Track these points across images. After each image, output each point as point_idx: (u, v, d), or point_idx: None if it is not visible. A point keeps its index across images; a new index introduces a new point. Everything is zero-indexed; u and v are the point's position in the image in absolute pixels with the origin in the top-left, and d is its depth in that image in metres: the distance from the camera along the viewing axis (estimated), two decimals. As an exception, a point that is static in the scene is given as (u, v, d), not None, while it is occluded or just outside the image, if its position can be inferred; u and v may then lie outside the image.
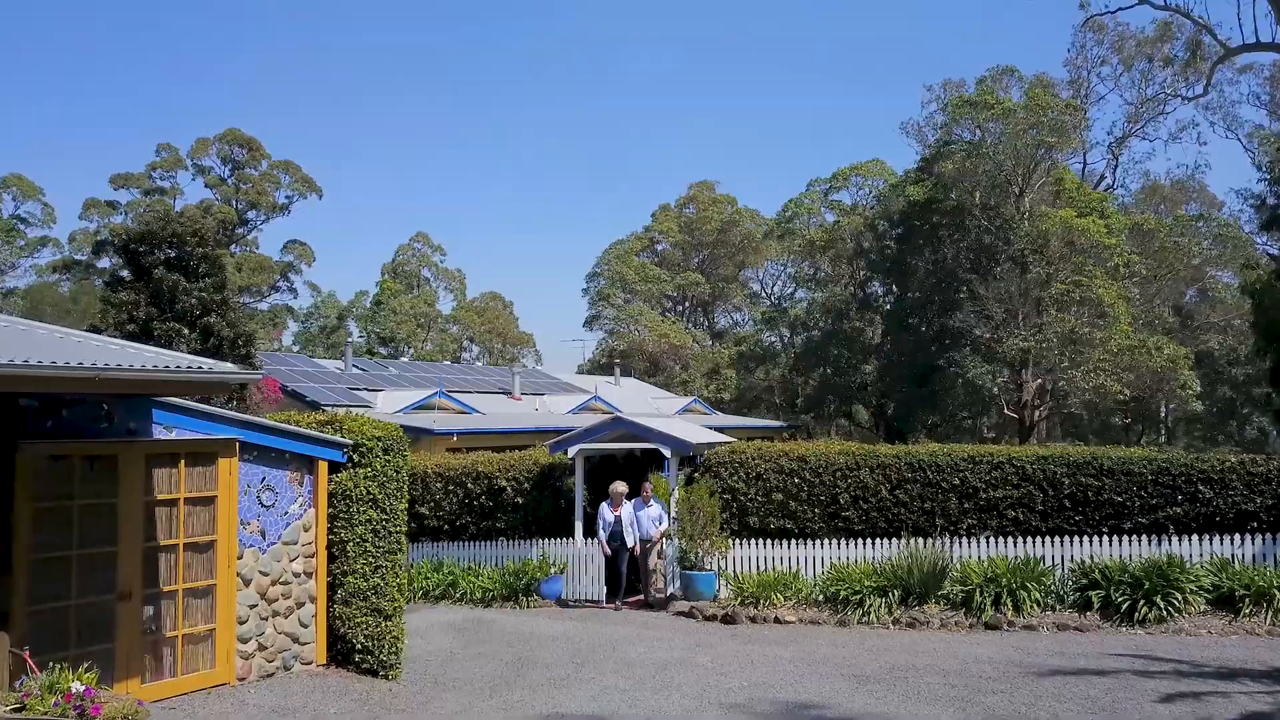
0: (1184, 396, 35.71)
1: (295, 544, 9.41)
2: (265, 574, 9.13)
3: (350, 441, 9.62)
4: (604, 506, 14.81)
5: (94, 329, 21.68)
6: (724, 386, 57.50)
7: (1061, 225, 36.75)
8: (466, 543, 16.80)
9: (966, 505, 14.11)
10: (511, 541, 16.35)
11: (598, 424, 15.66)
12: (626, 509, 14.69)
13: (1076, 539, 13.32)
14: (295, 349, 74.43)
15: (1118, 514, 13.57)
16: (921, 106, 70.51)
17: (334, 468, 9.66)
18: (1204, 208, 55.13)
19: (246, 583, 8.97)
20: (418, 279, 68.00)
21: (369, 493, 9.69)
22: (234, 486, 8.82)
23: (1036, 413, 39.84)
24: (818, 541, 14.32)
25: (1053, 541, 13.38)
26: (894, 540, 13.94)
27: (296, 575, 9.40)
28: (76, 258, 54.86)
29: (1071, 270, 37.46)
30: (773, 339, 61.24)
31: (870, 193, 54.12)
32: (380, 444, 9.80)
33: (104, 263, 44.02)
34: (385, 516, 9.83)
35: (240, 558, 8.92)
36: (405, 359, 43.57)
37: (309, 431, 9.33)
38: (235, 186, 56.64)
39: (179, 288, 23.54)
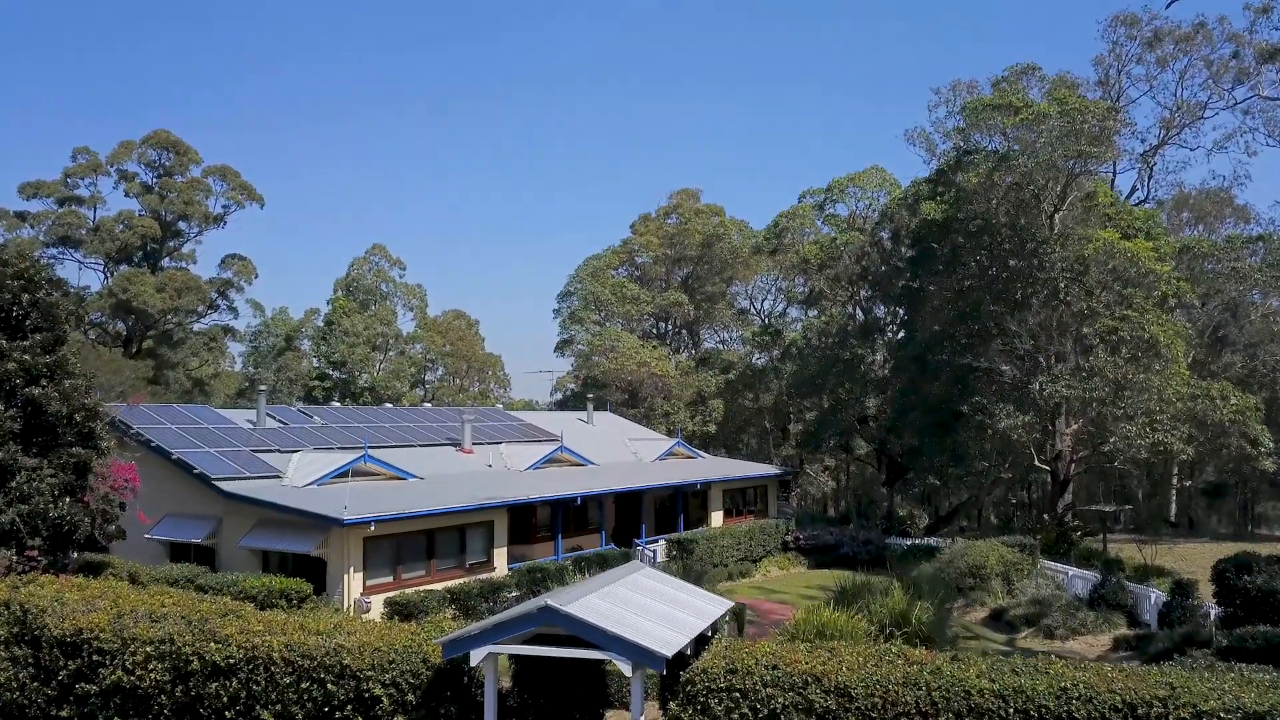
0: (1254, 455, 30.06)
1: None
2: None
3: None
4: None
5: None
6: (710, 418, 51.79)
7: (1104, 249, 31.21)
8: (326, 774, 11.07)
9: (1123, 789, 8.47)
10: (389, 783, 10.64)
11: (515, 615, 9.95)
12: None
13: None
14: (251, 370, 68.37)
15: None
16: (929, 112, 65.09)
17: None
18: (1238, 222, 50.02)
19: None
20: (375, 295, 61.91)
21: None
22: None
23: (1071, 466, 34.35)
24: (871, 835, 8.68)
25: None
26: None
27: None
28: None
29: (1115, 301, 31.95)
30: (762, 359, 55.65)
31: (869, 205, 48.60)
32: None
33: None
34: None
35: None
36: (335, 405, 37.59)
37: None
38: (161, 195, 50.27)
39: (-8, 348, 17.89)
